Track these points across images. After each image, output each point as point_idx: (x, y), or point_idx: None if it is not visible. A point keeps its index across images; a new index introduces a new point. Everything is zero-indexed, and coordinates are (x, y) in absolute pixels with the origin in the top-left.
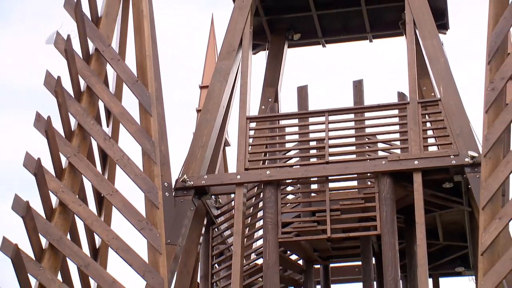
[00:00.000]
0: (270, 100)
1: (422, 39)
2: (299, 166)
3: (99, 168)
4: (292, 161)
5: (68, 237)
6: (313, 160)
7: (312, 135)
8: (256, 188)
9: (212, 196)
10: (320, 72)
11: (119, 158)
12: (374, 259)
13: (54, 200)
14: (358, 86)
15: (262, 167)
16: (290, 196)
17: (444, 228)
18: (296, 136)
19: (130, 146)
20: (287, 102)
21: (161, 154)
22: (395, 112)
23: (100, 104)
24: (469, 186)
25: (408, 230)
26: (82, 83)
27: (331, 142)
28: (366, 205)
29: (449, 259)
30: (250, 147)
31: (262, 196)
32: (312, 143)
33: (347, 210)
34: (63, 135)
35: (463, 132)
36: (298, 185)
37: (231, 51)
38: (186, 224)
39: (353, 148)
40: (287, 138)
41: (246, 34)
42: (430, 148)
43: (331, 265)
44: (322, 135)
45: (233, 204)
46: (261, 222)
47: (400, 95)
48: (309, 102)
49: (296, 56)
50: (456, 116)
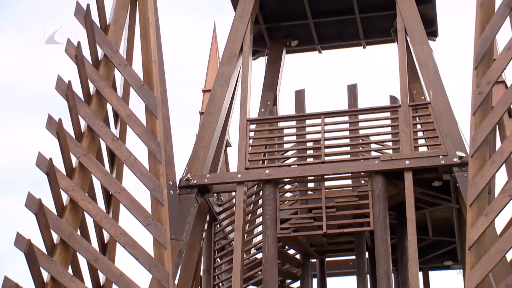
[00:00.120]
0: (269, 103)
1: (412, 45)
2: (296, 166)
3: (107, 167)
4: (290, 161)
5: (78, 232)
6: (309, 160)
7: (308, 136)
8: (256, 186)
9: (214, 194)
10: (317, 77)
11: (126, 158)
12: (367, 253)
13: (65, 197)
14: (352, 90)
15: (261, 166)
16: (288, 194)
17: (433, 224)
18: (294, 137)
19: (136, 146)
20: (285, 105)
21: (166, 154)
22: (387, 114)
23: (109, 107)
24: (457, 185)
25: (399, 226)
26: (92, 87)
27: (327, 143)
28: (360, 202)
29: (438, 254)
30: (250, 147)
31: (261, 194)
32: (309, 144)
33: (342, 207)
34: (74, 136)
35: (451, 133)
36: (296, 183)
37: (232, 57)
38: (189, 220)
39: (347, 148)
40: (285, 139)
41: (246, 41)
42: (420, 149)
43: (326, 259)
44: (318, 136)
45: (234, 202)
46: (260, 219)
47: (392, 99)
48: (306, 105)
49: (294, 62)
50: (445, 118)
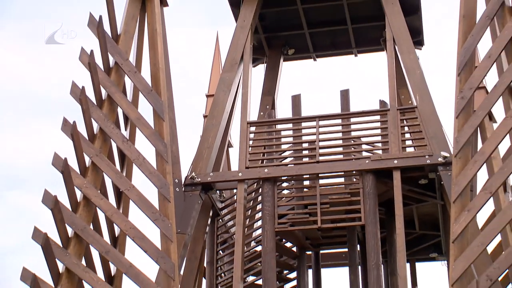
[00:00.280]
0: (268, 107)
1: (400, 54)
2: (293, 165)
3: (118, 166)
4: (287, 160)
5: (91, 227)
6: (305, 159)
7: (304, 138)
8: (255, 184)
9: (217, 191)
10: (312, 83)
11: (136, 157)
12: (359, 246)
13: (79, 194)
14: (345, 95)
15: (260, 165)
16: (285, 191)
17: (420, 219)
18: (291, 139)
19: (145, 147)
20: (283, 109)
21: (172, 154)
22: (377, 117)
23: (119, 111)
24: (441, 183)
25: (388, 220)
26: (103, 92)
27: (321, 144)
28: (352, 199)
29: (424, 246)
30: (250, 148)
31: (260, 191)
32: (305, 145)
33: (335, 204)
34: (87, 138)
35: (436, 135)
36: (292, 181)
37: (234, 64)
38: (194, 215)
39: (340, 149)
40: (283, 140)
41: (247, 49)
42: (408, 149)
43: (321, 251)
44: (313, 137)
45: (235, 198)
46: (260, 214)
47: (382, 103)
48: (302, 109)
49: (291, 69)
50: (430, 121)
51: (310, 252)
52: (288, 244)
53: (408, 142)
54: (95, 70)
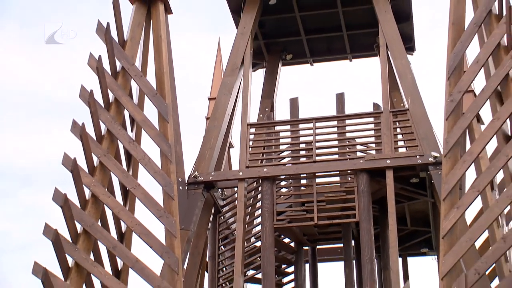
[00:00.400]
0: (267, 109)
1: (393, 59)
2: (291, 165)
3: (124, 166)
4: (285, 160)
5: (99, 223)
6: (302, 159)
7: (302, 139)
8: (255, 183)
9: (219, 190)
10: (309, 87)
11: (141, 157)
12: (353, 242)
13: (87, 192)
14: (340, 98)
15: (260, 165)
16: (284, 190)
17: (411, 216)
18: (289, 140)
19: (150, 147)
20: (281, 111)
21: (176, 154)
22: (371, 119)
23: (126, 113)
24: (432, 181)
25: (381, 217)
26: (111, 95)
27: (318, 144)
28: (347, 197)
29: (415, 242)
30: (250, 148)
31: (260, 189)
32: (302, 145)
33: (331, 201)
34: (95, 139)
35: (427, 136)
36: (290, 180)
37: (235, 69)
38: (197, 213)
39: (336, 149)
40: (281, 141)
41: (247, 55)
42: (400, 150)
43: (317, 247)
44: (310, 138)
45: (236, 196)
46: (259, 211)
47: (375, 106)
48: (299, 111)
49: (289, 73)
50: (421, 123)
51: (307, 248)
52: (286, 240)
53: (400, 143)
54: (103, 75)
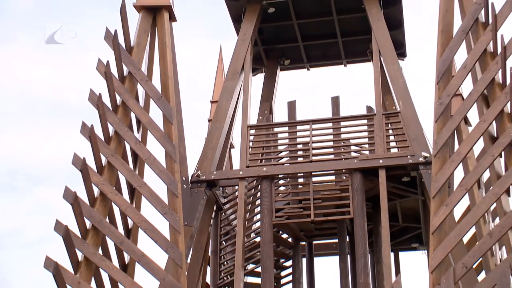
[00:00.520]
0: (266, 112)
1: (385, 64)
2: (289, 164)
3: (131, 165)
4: (283, 160)
5: (107, 219)
6: (300, 159)
7: (299, 140)
8: (255, 181)
9: (220, 188)
10: (305, 90)
11: (147, 157)
12: (348, 237)
13: (96, 190)
14: (335, 101)
15: (259, 165)
16: (282, 188)
17: (403, 213)
18: (287, 140)
19: (155, 148)
20: (280, 114)
21: (180, 154)
22: (364, 121)
23: (132, 115)
24: (422, 180)
25: (374, 214)
26: (118, 98)
27: (314, 145)
28: (342, 195)
29: (407, 237)
30: (250, 149)
31: (259, 187)
32: (299, 146)
33: (327, 199)
34: (103, 140)
35: (417, 137)
36: (288, 179)
37: (235, 73)
38: (199, 210)
39: (331, 150)
40: (280, 142)
41: (247, 60)
42: (392, 150)
43: (314, 242)
44: (307, 139)
45: (236, 194)
46: (259, 208)
47: (368, 108)
48: (296, 113)
49: (287, 78)
50: (412, 125)
51: (304, 243)
52: (284, 236)
53: (392, 144)
54: (110, 79)
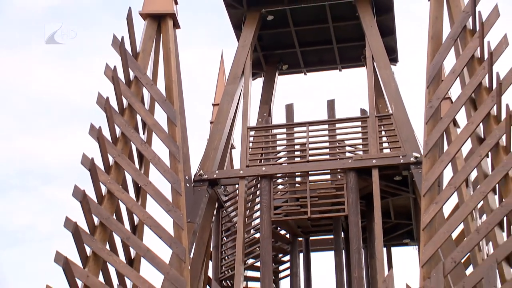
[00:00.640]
0: (265, 114)
1: (378, 69)
2: (287, 164)
3: (137, 165)
4: (281, 160)
5: (114, 216)
6: (297, 159)
7: (296, 141)
8: (254, 180)
9: (222, 186)
10: (302, 94)
11: (152, 157)
12: (343, 233)
13: (104, 189)
14: (331, 104)
15: (259, 164)
16: (280, 186)
17: (395, 210)
18: (285, 142)
19: (160, 149)
20: (278, 116)
21: (183, 155)
22: (359, 123)
23: (138, 118)
24: (413, 179)
25: (368, 211)
26: (125, 101)
27: (311, 146)
28: (337, 193)
29: (398, 233)
30: (250, 149)
31: (259, 186)
32: (297, 147)
33: (323, 197)
34: (110, 141)
35: (409, 138)
36: (286, 178)
37: (236, 78)
38: (202, 207)
39: (327, 150)
40: (278, 143)
41: (247, 65)
42: (385, 151)
43: (310, 238)
44: (304, 141)
45: (237, 193)
46: (258, 206)
47: (362, 111)
48: (294, 116)
49: (284, 82)
50: (404, 127)
51: (301, 239)
52: (283, 232)
53: (385, 145)
54: (117, 83)
